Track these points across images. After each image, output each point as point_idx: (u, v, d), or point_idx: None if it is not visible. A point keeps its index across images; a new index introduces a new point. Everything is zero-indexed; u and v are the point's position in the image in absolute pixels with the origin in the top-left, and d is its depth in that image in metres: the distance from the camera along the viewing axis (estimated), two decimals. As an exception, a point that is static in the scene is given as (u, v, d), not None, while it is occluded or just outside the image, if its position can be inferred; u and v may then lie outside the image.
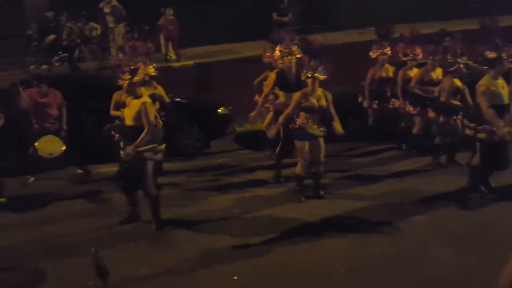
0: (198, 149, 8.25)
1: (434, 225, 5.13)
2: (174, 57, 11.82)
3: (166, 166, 7.22)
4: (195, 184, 6.73)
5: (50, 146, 6.73)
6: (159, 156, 5.31)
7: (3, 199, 6.29)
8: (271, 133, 6.26)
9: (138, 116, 5.07)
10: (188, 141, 8.17)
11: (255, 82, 7.75)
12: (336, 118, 5.75)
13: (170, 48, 11.88)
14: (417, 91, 7.07)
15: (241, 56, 11.36)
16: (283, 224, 5.29)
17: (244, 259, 4.57)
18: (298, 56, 6.17)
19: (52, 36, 10.64)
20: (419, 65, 7.37)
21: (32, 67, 10.51)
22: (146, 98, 5.20)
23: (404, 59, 7.49)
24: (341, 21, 14.28)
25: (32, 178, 7.07)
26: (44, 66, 10.54)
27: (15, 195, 6.47)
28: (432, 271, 4.21)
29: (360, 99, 7.84)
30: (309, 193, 5.94)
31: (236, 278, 4.25)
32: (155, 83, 6.61)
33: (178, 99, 8.02)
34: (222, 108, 8.49)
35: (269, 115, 6.85)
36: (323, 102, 5.65)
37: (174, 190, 6.47)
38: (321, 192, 5.95)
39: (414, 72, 7.33)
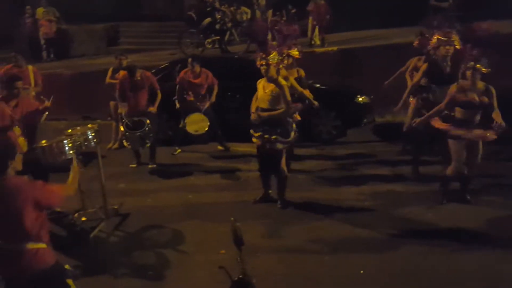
0: (333, 136, 8.14)
1: None
2: (318, 42, 11.76)
3: (301, 151, 7.30)
4: (328, 172, 6.64)
5: (197, 123, 7.30)
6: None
7: (154, 165, 7.03)
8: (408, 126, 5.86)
9: (274, 100, 5.16)
10: (323, 128, 8.10)
11: (406, 72, 7.23)
12: (496, 110, 4.97)
13: (316, 33, 11.84)
14: None
15: (389, 42, 10.80)
16: (418, 224, 4.95)
17: (372, 253, 4.41)
18: (457, 47, 5.58)
19: (207, 20, 11.38)
20: None
21: (188, 48, 11.38)
22: (283, 81, 5.26)
23: None
24: (510, 8, 12.62)
25: (179, 150, 7.74)
26: (199, 48, 11.35)
27: (164, 163, 7.17)
28: None
29: None
30: (452, 196, 5.43)
31: (362, 272, 4.12)
32: (298, 69, 6.61)
33: (317, 85, 7.97)
34: (363, 97, 8.21)
35: (411, 107, 6.43)
36: (485, 98, 5.00)
37: (306, 175, 6.47)
38: (468, 197, 5.41)
39: None
